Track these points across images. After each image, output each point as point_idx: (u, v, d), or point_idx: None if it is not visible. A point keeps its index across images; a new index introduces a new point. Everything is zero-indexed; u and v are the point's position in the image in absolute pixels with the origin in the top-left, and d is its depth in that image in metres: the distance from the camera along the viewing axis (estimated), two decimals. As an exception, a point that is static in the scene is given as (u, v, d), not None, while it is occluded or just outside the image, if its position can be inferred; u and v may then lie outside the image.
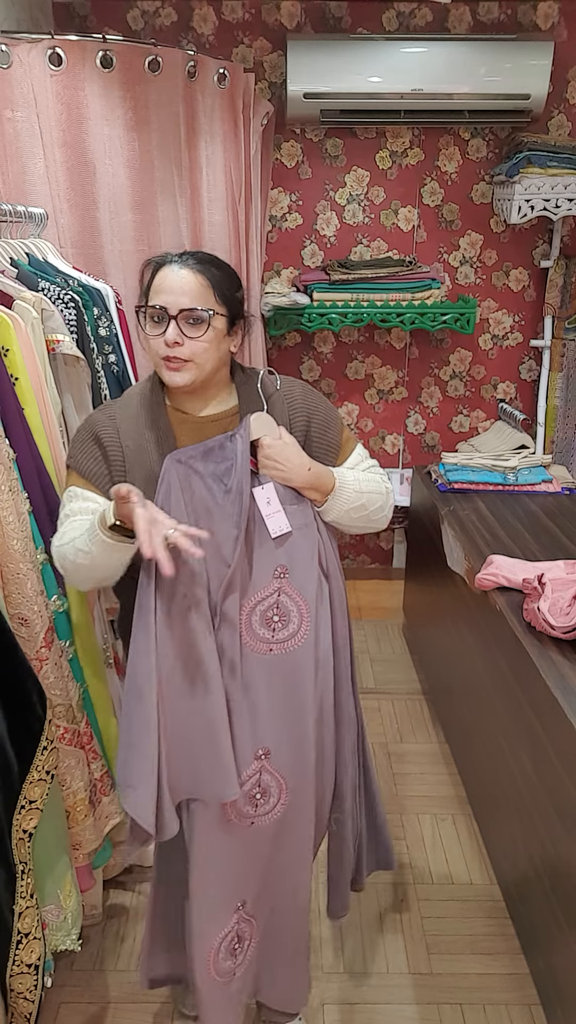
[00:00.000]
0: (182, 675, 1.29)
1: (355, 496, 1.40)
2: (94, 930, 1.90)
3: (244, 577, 1.31)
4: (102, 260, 2.27)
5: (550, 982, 1.67)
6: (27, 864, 1.40)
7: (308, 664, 1.36)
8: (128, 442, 1.35)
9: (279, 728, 1.36)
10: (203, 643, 1.28)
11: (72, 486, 1.38)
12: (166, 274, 1.29)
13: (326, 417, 1.45)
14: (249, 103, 2.50)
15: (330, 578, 1.41)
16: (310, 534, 1.37)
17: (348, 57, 2.70)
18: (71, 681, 1.60)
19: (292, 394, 1.43)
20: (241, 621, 1.32)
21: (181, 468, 1.29)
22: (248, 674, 1.32)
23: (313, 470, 1.36)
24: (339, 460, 1.45)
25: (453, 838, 2.20)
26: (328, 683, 1.42)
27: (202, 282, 1.29)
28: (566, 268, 3.10)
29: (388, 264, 3.01)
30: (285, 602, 1.34)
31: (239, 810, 1.37)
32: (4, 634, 1.36)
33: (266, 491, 1.33)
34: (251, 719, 1.34)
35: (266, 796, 1.38)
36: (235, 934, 1.46)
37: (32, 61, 2.03)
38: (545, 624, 1.70)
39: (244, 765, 1.34)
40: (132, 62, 2.15)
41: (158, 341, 1.29)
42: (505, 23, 2.87)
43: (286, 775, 1.38)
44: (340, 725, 1.47)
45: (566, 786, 1.52)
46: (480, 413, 3.45)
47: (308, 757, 1.39)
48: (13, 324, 1.47)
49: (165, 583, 1.26)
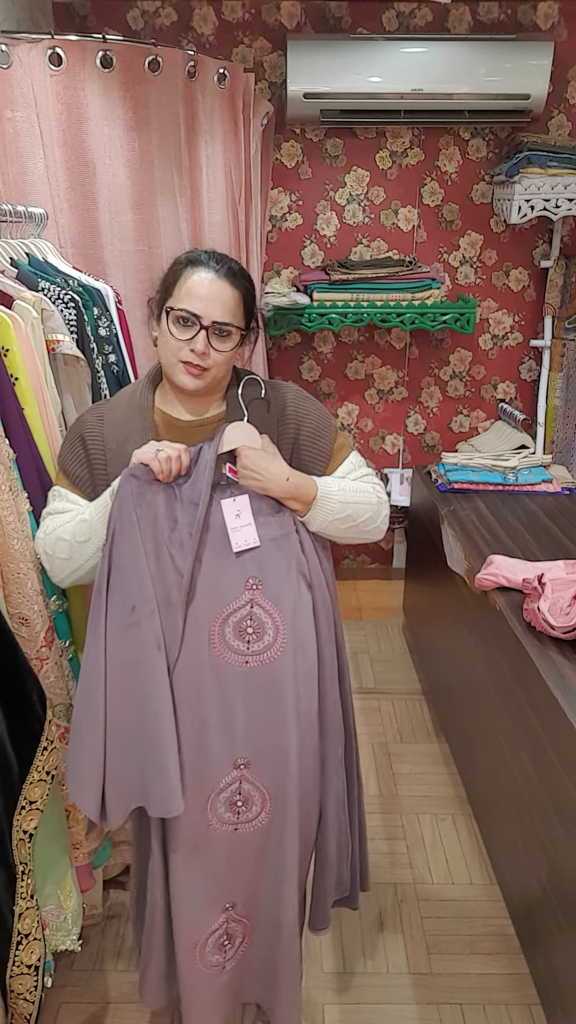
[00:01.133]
0: (128, 688, 1.28)
1: (339, 507, 1.37)
2: (94, 930, 1.90)
3: (212, 589, 1.30)
4: (102, 260, 2.27)
5: (550, 982, 1.67)
6: (27, 865, 1.40)
7: (287, 676, 1.34)
8: (112, 444, 1.35)
9: (258, 740, 1.34)
10: (150, 659, 1.27)
11: (57, 485, 1.42)
12: (201, 279, 1.28)
13: (317, 426, 1.42)
14: (249, 103, 2.50)
15: (314, 588, 1.38)
16: (288, 545, 1.35)
17: (348, 57, 2.70)
18: (71, 681, 1.60)
19: (283, 400, 1.41)
20: (213, 633, 1.30)
21: (135, 483, 1.27)
22: (223, 686, 1.31)
23: (292, 480, 1.34)
24: (329, 469, 1.43)
25: (453, 838, 2.20)
26: (312, 695, 1.39)
27: (236, 297, 1.30)
28: (566, 268, 3.10)
29: (388, 264, 3.01)
30: (259, 614, 1.32)
31: (220, 816, 1.36)
32: (4, 634, 1.36)
33: (238, 503, 1.32)
34: (226, 729, 1.32)
35: (248, 804, 1.37)
36: (224, 932, 1.46)
37: (32, 61, 2.03)
38: (545, 624, 1.70)
39: (221, 773, 1.34)
40: (132, 62, 2.15)
41: (180, 344, 1.29)
42: (505, 23, 2.87)
43: (268, 786, 1.37)
44: (325, 737, 1.45)
45: (566, 786, 1.52)
46: (480, 413, 3.45)
47: (291, 769, 1.37)
48: (13, 324, 1.47)
49: (115, 593, 1.27)
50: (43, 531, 1.40)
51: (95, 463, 1.37)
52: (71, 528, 1.35)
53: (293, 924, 1.48)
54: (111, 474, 1.34)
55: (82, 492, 1.39)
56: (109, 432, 1.36)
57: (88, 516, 1.34)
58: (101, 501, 1.34)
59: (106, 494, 1.33)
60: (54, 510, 1.41)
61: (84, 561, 1.36)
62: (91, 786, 1.31)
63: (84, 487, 1.38)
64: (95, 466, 1.37)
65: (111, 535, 1.27)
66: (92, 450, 1.36)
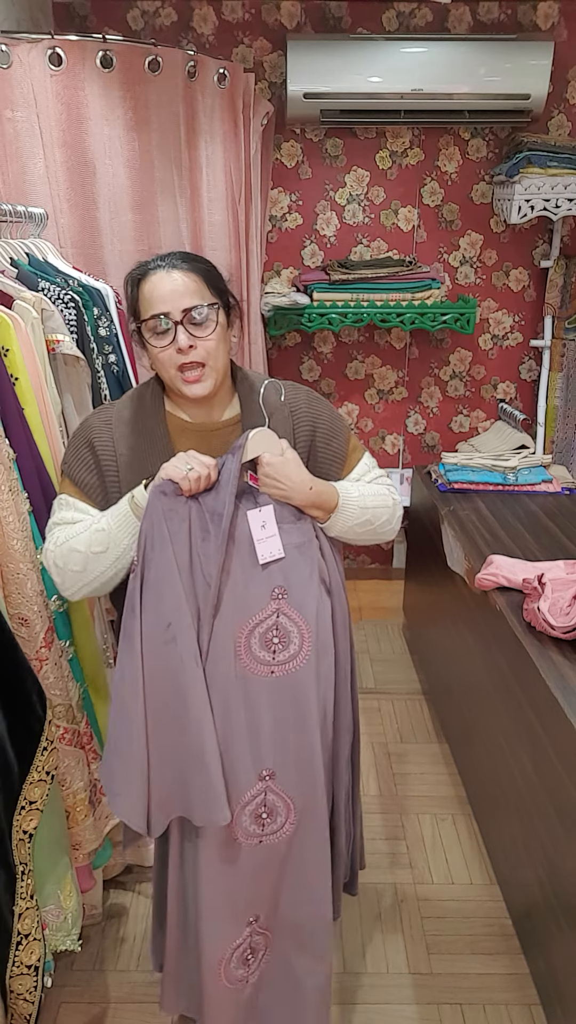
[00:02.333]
0: (168, 704, 1.27)
1: (359, 512, 1.36)
2: (94, 930, 1.90)
3: (239, 600, 1.28)
4: (102, 260, 2.27)
5: (550, 982, 1.67)
6: (27, 865, 1.40)
7: (310, 684, 1.33)
8: (123, 449, 1.31)
9: (283, 749, 1.32)
10: (188, 673, 1.25)
11: (64, 494, 1.36)
12: (155, 282, 1.25)
13: (331, 426, 1.40)
14: (249, 103, 2.50)
15: (332, 594, 1.37)
16: (310, 551, 1.33)
17: (348, 57, 2.69)
18: (71, 681, 1.60)
19: (296, 403, 1.38)
20: (240, 644, 1.28)
21: (165, 500, 1.24)
22: (249, 697, 1.29)
23: (315, 488, 1.31)
24: (344, 471, 1.42)
25: (453, 838, 2.20)
26: (329, 697, 1.39)
27: (195, 279, 1.26)
28: (566, 268, 3.10)
29: (388, 264, 3.01)
30: (284, 623, 1.31)
31: (245, 829, 1.34)
32: (4, 634, 1.36)
33: (263, 514, 1.29)
34: (252, 741, 1.30)
35: (273, 816, 1.35)
36: (248, 945, 1.44)
37: (32, 61, 2.03)
38: (545, 624, 1.70)
39: (247, 786, 1.32)
40: (132, 62, 2.15)
41: (169, 352, 1.25)
42: (505, 23, 2.87)
43: (293, 795, 1.35)
44: (338, 735, 1.45)
45: (566, 786, 1.52)
46: (480, 413, 3.45)
47: (316, 777, 1.36)
48: (13, 324, 1.47)
49: (149, 612, 1.24)
50: (52, 543, 1.33)
51: (106, 469, 1.32)
52: (86, 538, 1.29)
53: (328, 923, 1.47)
54: (124, 480, 1.31)
55: (91, 500, 1.33)
56: (119, 437, 1.32)
57: (105, 526, 1.29)
58: (119, 510, 1.29)
59: (124, 503, 1.29)
60: (62, 520, 1.34)
61: (99, 573, 1.31)
62: (138, 801, 1.29)
63: (94, 495, 1.33)
64: (106, 472, 1.32)
65: (143, 553, 1.24)
66: (102, 456, 1.31)
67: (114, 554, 1.29)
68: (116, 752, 1.30)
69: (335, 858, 1.54)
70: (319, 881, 1.44)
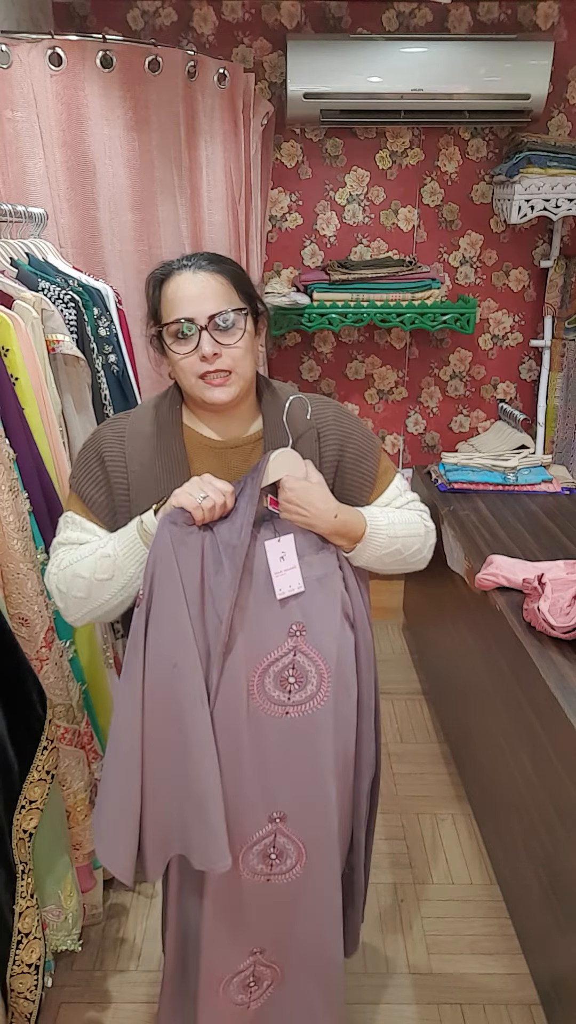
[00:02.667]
0: (169, 747, 1.20)
1: (388, 542, 1.25)
2: (94, 930, 1.90)
3: (253, 637, 1.19)
4: (102, 260, 2.27)
5: (550, 982, 1.67)
6: (27, 864, 1.40)
7: (327, 727, 1.23)
8: (135, 466, 1.22)
9: (295, 792, 1.25)
10: (192, 716, 1.17)
11: (71, 511, 1.27)
12: (180, 283, 1.16)
13: (361, 446, 1.29)
14: (249, 103, 2.50)
15: (357, 628, 1.27)
16: (332, 584, 1.23)
17: (348, 57, 2.69)
18: (71, 681, 1.60)
19: (323, 420, 1.27)
20: (252, 684, 1.20)
21: (175, 530, 1.14)
22: (261, 737, 1.21)
23: (340, 516, 1.20)
24: (373, 495, 1.31)
25: (453, 838, 2.20)
26: (350, 739, 1.30)
27: (222, 281, 1.16)
28: (566, 268, 3.10)
29: (388, 264, 3.01)
30: (302, 662, 1.21)
31: (251, 867, 1.28)
32: (4, 634, 1.36)
33: (282, 544, 1.19)
34: (263, 782, 1.23)
35: (283, 857, 1.29)
36: (251, 974, 1.40)
37: (32, 61, 2.03)
38: (545, 624, 1.70)
39: (256, 827, 1.25)
40: (132, 62, 2.15)
41: (191, 360, 1.15)
42: (505, 23, 2.87)
43: (305, 839, 1.28)
44: (359, 775, 1.35)
45: (566, 786, 1.52)
46: (480, 413, 3.45)
47: (329, 822, 1.28)
48: (13, 324, 1.47)
49: (155, 648, 1.16)
50: (56, 565, 1.24)
51: (116, 486, 1.22)
52: (90, 564, 1.20)
53: (338, 964, 1.41)
54: (134, 500, 1.22)
55: (99, 519, 1.25)
56: (132, 451, 1.22)
57: (111, 551, 1.20)
58: (127, 534, 1.20)
59: (132, 527, 1.20)
60: (67, 540, 1.26)
61: (104, 600, 1.23)
62: (124, 850, 1.21)
63: (102, 513, 1.24)
64: (115, 489, 1.23)
65: (149, 587, 1.14)
66: (112, 471, 1.22)
67: (120, 582, 1.21)
68: (106, 798, 1.23)
69: (354, 896, 1.46)
70: (329, 923, 1.37)
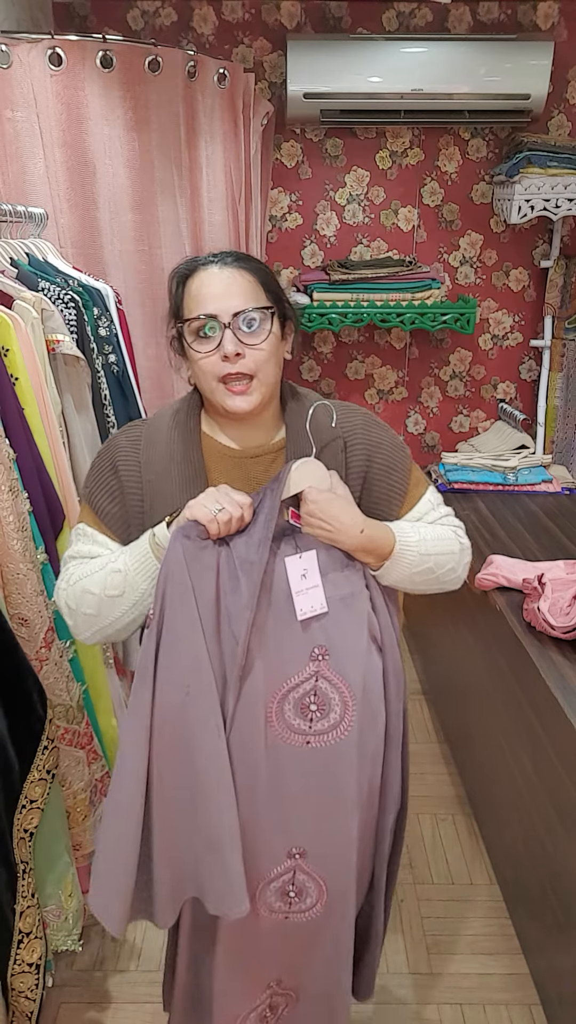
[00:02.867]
0: (181, 780, 1.11)
1: (419, 559, 1.17)
2: (94, 930, 1.90)
3: (272, 661, 1.11)
4: (102, 260, 2.27)
5: (550, 982, 1.67)
6: (28, 864, 1.40)
7: (351, 760, 1.16)
8: (150, 476, 1.16)
9: (316, 827, 1.18)
10: (206, 746, 1.09)
11: (83, 523, 1.21)
12: (205, 278, 1.10)
13: (391, 456, 1.21)
14: (249, 103, 2.50)
15: (385, 653, 1.19)
16: (358, 604, 1.15)
17: (348, 57, 2.69)
18: (71, 681, 1.60)
19: (350, 428, 1.20)
20: (271, 710, 1.12)
21: (188, 545, 1.06)
22: (279, 768, 1.14)
23: (367, 531, 1.12)
24: (403, 509, 1.23)
25: (453, 838, 2.20)
26: (376, 773, 1.23)
27: (250, 279, 1.10)
28: (566, 268, 3.10)
29: (388, 264, 3.01)
30: (324, 688, 1.13)
31: (269, 905, 1.21)
32: (5, 634, 1.36)
33: (304, 561, 1.11)
34: (282, 816, 1.16)
35: (302, 896, 1.22)
36: (268, 1006, 1.36)
37: (32, 61, 2.03)
38: (545, 624, 1.70)
39: (274, 863, 1.19)
40: (132, 62, 2.15)
41: (212, 360, 1.09)
42: (505, 23, 2.87)
43: (327, 877, 1.21)
44: (384, 811, 1.27)
45: (566, 786, 1.52)
46: (480, 413, 3.45)
47: (351, 859, 1.21)
48: (13, 324, 1.47)
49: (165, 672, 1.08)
50: (65, 580, 1.18)
51: (130, 497, 1.16)
52: (100, 579, 1.14)
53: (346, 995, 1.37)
54: (149, 511, 1.16)
55: (112, 532, 1.18)
56: (147, 460, 1.16)
57: (122, 566, 1.13)
58: (138, 549, 1.14)
59: (144, 540, 1.14)
60: (78, 554, 1.20)
61: (114, 618, 1.16)
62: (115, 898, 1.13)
63: (115, 526, 1.18)
64: (129, 500, 1.17)
65: (160, 606, 1.07)
66: (126, 481, 1.16)
67: (131, 599, 1.15)
68: (103, 836, 1.15)
69: (371, 938, 1.38)
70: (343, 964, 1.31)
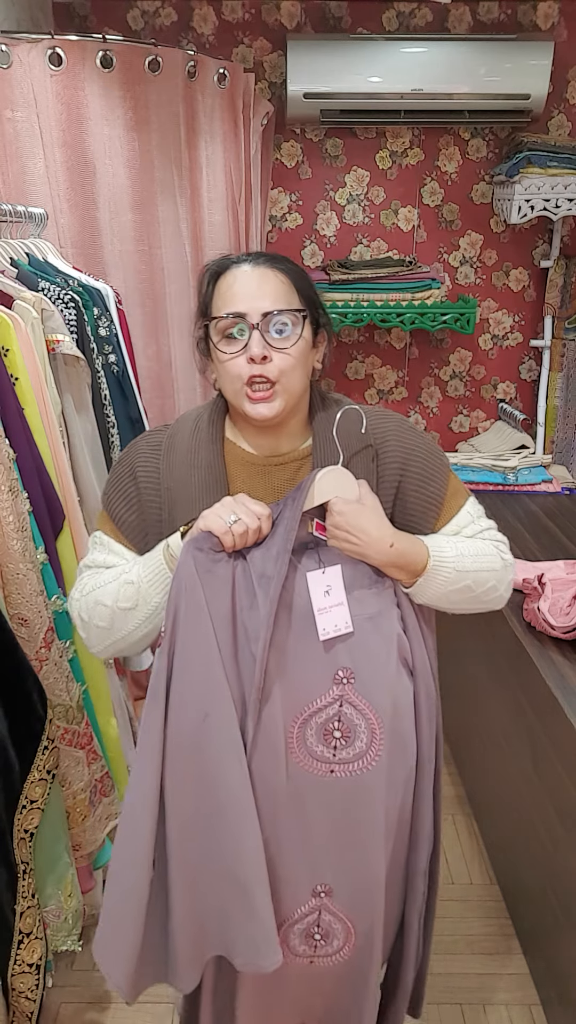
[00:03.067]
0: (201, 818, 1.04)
1: (455, 577, 1.09)
2: (94, 930, 1.89)
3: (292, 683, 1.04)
4: (102, 260, 2.27)
5: (550, 982, 1.67)
6: (28, 864, 1.40)
7: (379, 790, 1.09)
8: (170, 483, 1.11)
9: (342, 863, 1.11)
10: (230, 779, 1.01)
11: (100, 530, 1.17)
12: (237, 276, 1.05)
13: (427, 464, 1.13)
14: (249, 103, 2.50)
15: (416, 675, 1.12)
16: (387, 623, 1.08)
17: (348, 57, 2.69)
18: (71, 681, 1.60)
19: (382, 434, 1.13)
20: (291, 736, 1.05)
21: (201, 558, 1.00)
22: (302, 798, 1.07)
23: (397, 546, 1.05)
24: (440, 522, 1.15)
25: (453, 838, 2.20)
26: (407, 805, 1.16)
27: (283, 280, 1.06)
28: (566, 268, 3.10)
29: (388, 264, 3.01)
30: (349, 714, 1.06)
31: (293, 948, 1.15)
32: (4, 634, 1.36)
33: (327, 576, 1.04)
34: (305, 850, 1.10)
35: (328, 938, 1.15)
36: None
37: (32, 61, 2.03)
38: (545, 624, 1.70)
39: (298, 902, 1.12)
40: (132, 62, 2.15)
41: (237, 362, 1.04)
42: (505, 23, 2.87)
43: (354, 917, 1.14)
44: (415, 847, 1.20)
45: (566, 786, 1.52)
46: (480, 413, 3.45)
47: (379, 897, 1.15)
48: (13, 324, 1.47)
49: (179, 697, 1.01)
50: (79, 590, 1.15)
51: (148, 504, 1.12)
52: (113, 591, 1.10)
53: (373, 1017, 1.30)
54: (167, 520, 1.11)
55: (129, 541, 1.14)
56: (168, 466, 1.11)
57: (135, 578, 1.09)
58: (152, 560, 1.09)
59: (158, 551, 1.09)
60: (93, 563, 1.16)
61: (127, 632, 1.11)
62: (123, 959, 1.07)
63: (132, 534, 1.13)
64: (148, 508, 1.12)
65: (172, 624, 1.01)
66: (145, 488, 1.11)
67: (144, 612, 1.10)
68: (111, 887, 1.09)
69: (397, 988, 1.31)
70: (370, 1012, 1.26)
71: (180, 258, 2.44)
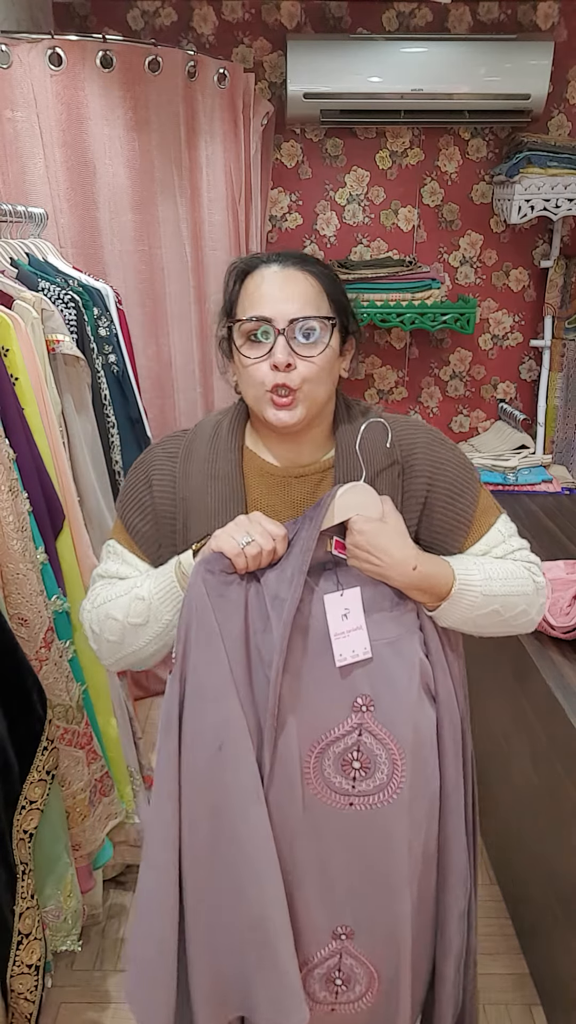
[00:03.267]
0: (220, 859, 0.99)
1: (482, 601, 1.03)
2: (94, 930, 1.90)
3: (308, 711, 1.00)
4: (102, 260, 2.27)
5: (550, 982, 1.67)
6: (27, 864, 1.40)
7: (401, 825, 1.04)
8: (186, 492, 1.06)
9: (364, 903, 1.06)
10: (249, 816, 0.97)
11: (114, 539, 1.13)
12: (265, 277, 1.00)
13: (456, 480, 1.07)
14: (249, 103, 2.51)
15: (440, 702, 1.06)
16: (409, 648, 1.03)
17: (348, 57, 2.69)
18: (71, 681, 1.60)
19: (410, 447, 1.07)
20: (308, 766, 1.01)
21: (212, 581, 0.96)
22: (319, 833, 1.02)
23: (421, 569, 1.00)
24: (468, 541, 1.08)
25: (453, 838, 2.20)
26: (432, 840, 1.09)
27: (313, 284, 1.01)
28: (566, 268, 3.10)
29: (388, 264, 3.01)
30: (369, 744, 1.01)
31: (313, 994, 1.09)
32: (4, 634, 1.36)
33: (346, 599, 0.99)
34: (324, 889, 1.04)
35: (350, 983, 1.09)
36: None
37: (32, 61, 2.03)
38: (545, 624, 1.70)
39: (318, 945, 1.06)
40: (132, 62, 2.15)
41: (261, 367, 0.99)
42: (505, 23, 2.87)
43: (377, 962, 1.08)
44: (446, 889, 1.12)
45: (566, 786, 1.52)
46: (480, 413, 3.45)
47: (404, 939, 1.08)
48: (13, 324, 1.47)
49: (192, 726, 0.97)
50: (91, 601, 1.11)
51: (162, 514, 1.07)
52: (124, 604, 1.06)
53: None
54: (181, 531, 1.07)
55: (143, 552, 1.10)
56: (184, 474, 1.07)
57: (146, 594, 1.04)
58: (163, 576, 1.05)
59: (169, 568, 1.05)
60: (106, 573, 1.12)
61: (139, 647, 1.07)
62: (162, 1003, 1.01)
63: (146, 545, 1.09)
64: (162, 518, 1.07)
65: (183, 649, 0.96)
66: (160, 497, 1.07)
67: (154, 629, 1.06)
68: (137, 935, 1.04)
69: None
70: None
71: (180, 258, 2.44)
